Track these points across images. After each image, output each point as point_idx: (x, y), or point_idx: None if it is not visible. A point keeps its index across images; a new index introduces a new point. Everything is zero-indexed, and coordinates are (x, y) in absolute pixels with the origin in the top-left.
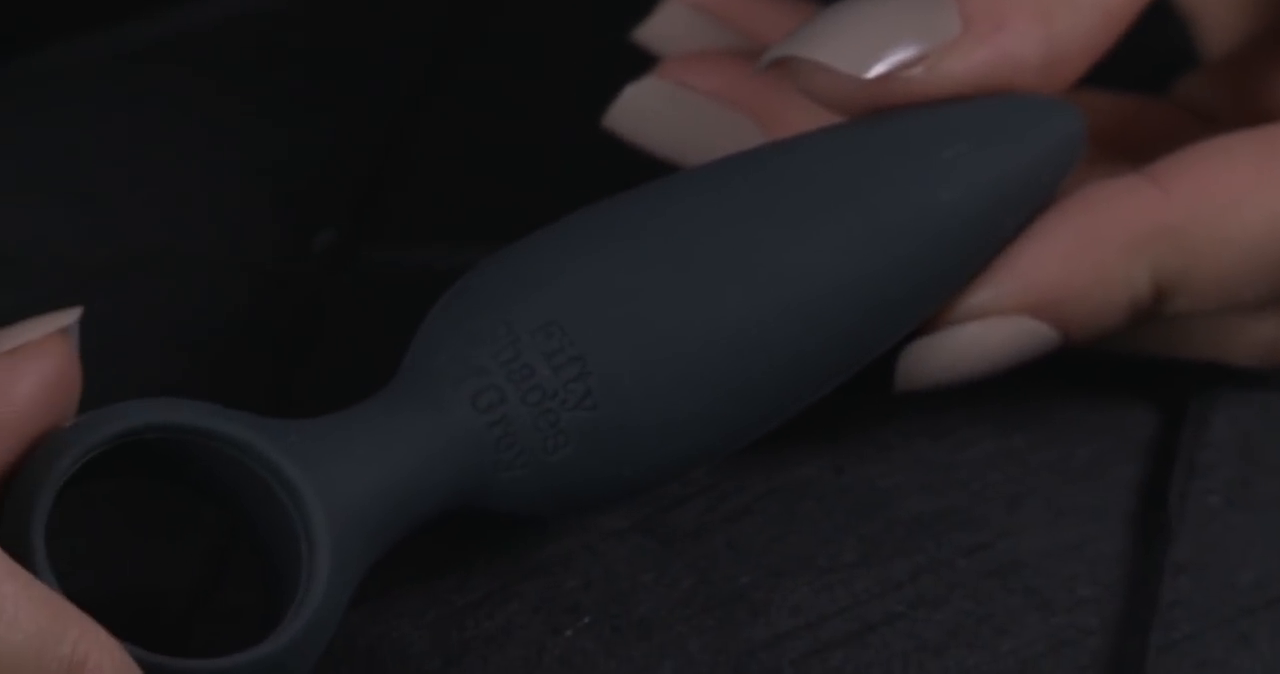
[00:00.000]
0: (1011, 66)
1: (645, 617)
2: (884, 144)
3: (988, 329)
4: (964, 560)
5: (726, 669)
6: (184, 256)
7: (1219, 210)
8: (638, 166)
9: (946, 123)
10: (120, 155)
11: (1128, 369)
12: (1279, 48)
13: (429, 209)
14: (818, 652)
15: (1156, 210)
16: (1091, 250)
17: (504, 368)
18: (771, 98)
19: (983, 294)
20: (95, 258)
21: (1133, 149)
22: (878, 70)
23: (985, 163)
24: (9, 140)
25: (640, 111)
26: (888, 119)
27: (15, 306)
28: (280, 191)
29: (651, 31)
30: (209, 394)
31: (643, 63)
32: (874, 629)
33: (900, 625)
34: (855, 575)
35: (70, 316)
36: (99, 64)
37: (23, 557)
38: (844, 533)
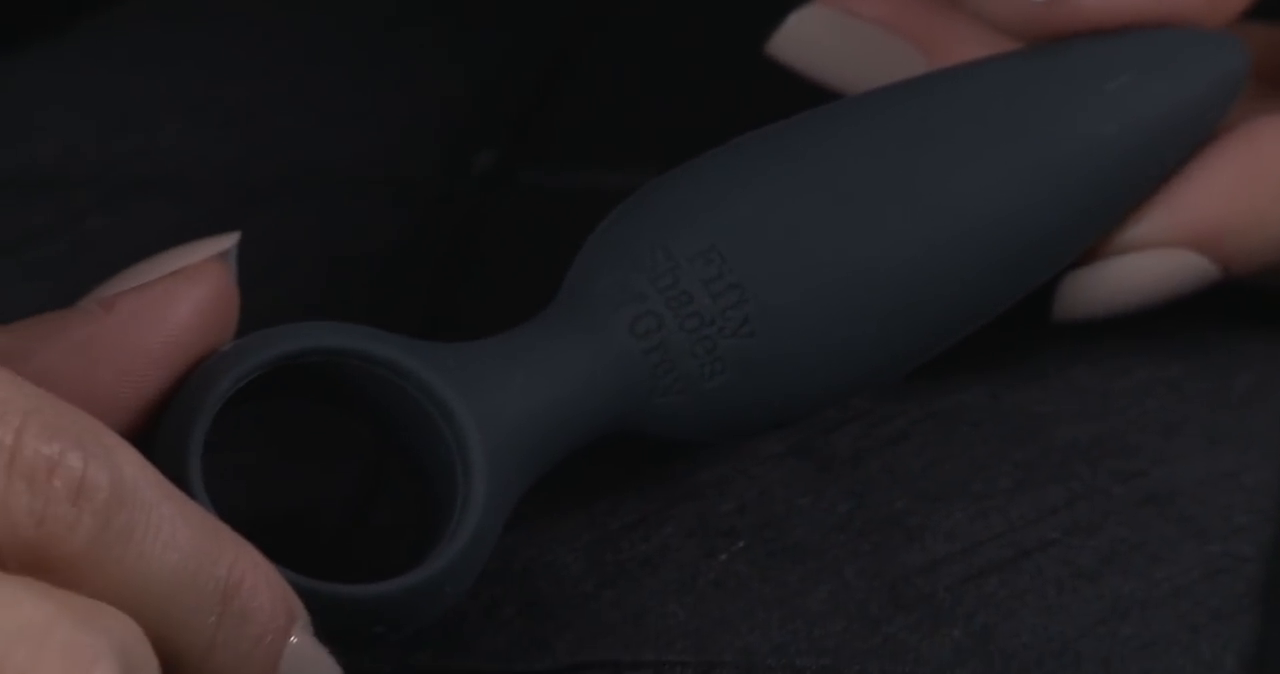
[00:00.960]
0: None
1: (800, 541)
2: (1048, 75)
3: (1147, 261)
4: (1119, 487)
5: (881, 594)
6: (343, 176)
7: None
8: (800, 94)
9: (1111, 55)
10: (280, 74)
11: None
12: None
13: (589, 131)
14: (972, 578)
15: None
16: (1254, 186)
17: (662, 294)
18: (936, 26)
19: (1143, 226)
20: (255, 176)
21: None
22: None
23: (1148, 95)
24: (170, 59)
25: (804, 38)
26: (1052, 50)
27: (177, 224)
28: (440, 111)
29: None
30: (366, 314)
31: None
32: (1028, 555)
33: (1054, 552)
34: (1010, 501)
35: (228, 241)
36: None
37: (178, 479)
38: (1000, 459)
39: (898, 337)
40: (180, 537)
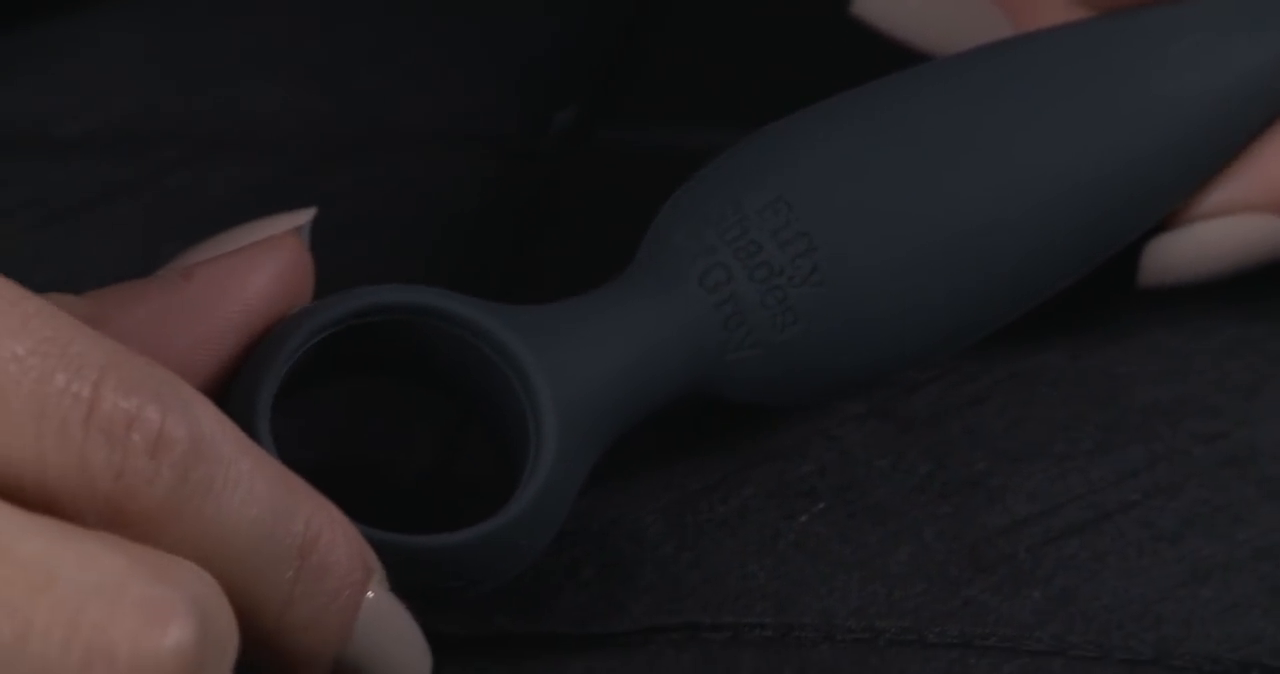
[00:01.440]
0: None
1: (881, 502)
2: (1123, 37)
3: (1233, 226)
4: (1201, 449)
5: (961, 556)
6: (424, 133)
7: None
8: (885, 56)
9: (1190, 18)
10: (362, 30)
11: None
12: None
13: (670, 89)
14: (1053, 539)
15: None
16: None
17: (730, 245)
18: None
19: (1228, 190)
20: (335, 134)
21: None
22: None
23: (1228, 58)
24: (251, 15)
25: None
26: (1130, 14)
27: (256, 182)
28: (522, 69)
29: None
30: (445, 272)
31: None
32: (1109, 517)
33: (1135, 513)
34: (1091, 463)
35: (305, 216)
36: None
37: (249, 436)
38: (1081, 420)
39: (972, 295)
40: (258, 491)
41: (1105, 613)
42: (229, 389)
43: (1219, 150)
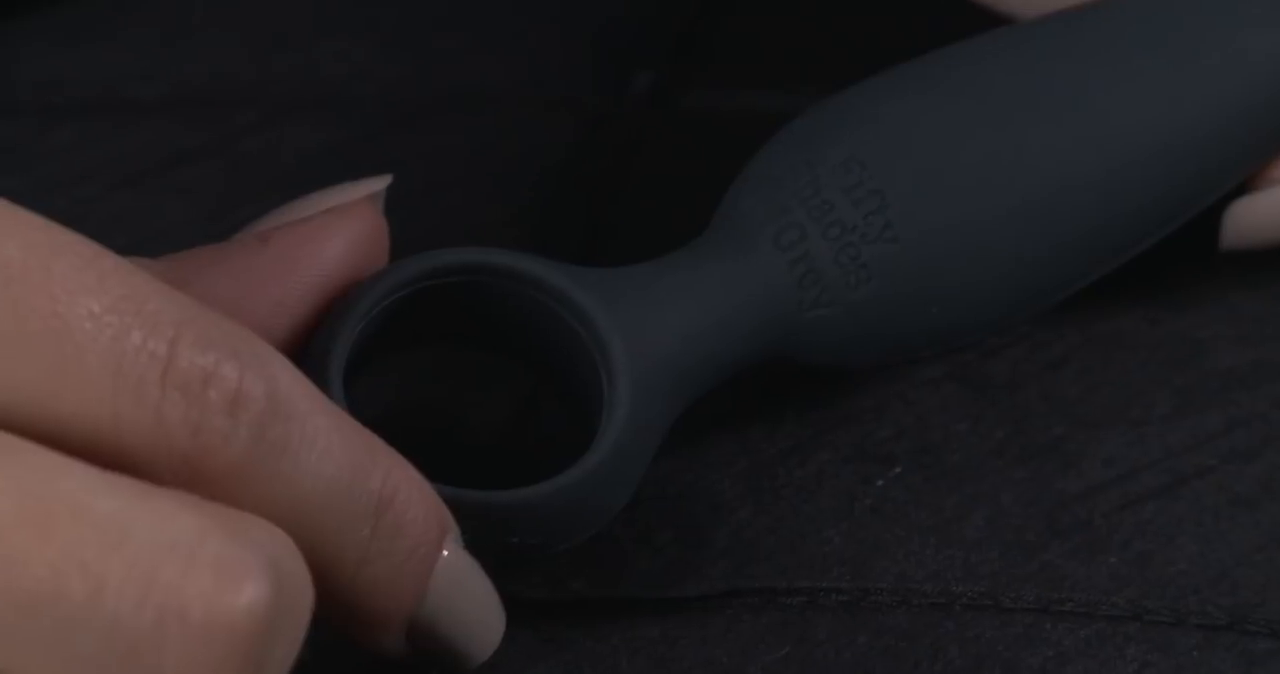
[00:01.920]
0: None
1: (958, 467)
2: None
3: None
4: (1278, 413)
5: (1038, 521)
6: (501, 96)
7: None
8: (962, 19)
9: None
10: None
11: None
12: None
13: (749, 54)
14: (1129, 504)
15: None
16: None
17: (804, 205)
18: None
19: None
20: (412, 97)
21: None
22: None
23: None
24: None
25: None
26: None
27: (332, 145)
28: (600, 31)
29: None
30: (522, 236)
31: None
32: (1186, 482)
33: (1212, 478)
34: (1168, 427)
35: (381, 183)
36: None
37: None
38: (1158, 385)
39: (1047, 256)
40: (335, 448)
41: (1181, 578)
42: (304, 351)
43: None
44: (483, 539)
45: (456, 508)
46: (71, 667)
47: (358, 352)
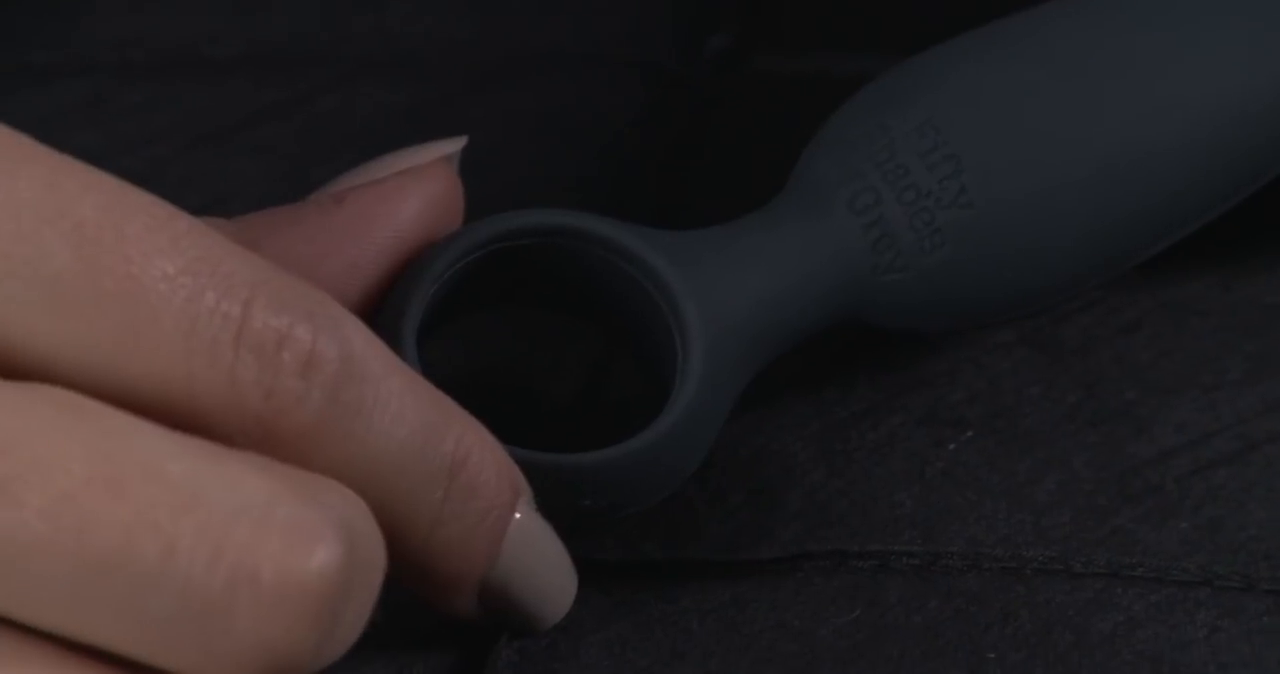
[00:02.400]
0: None
1: (1030, 431)
2: None
3: None
4: None
5: (1110, 485)
6: (575, 58)
7: None
8: None
9: None
10: None
11: None
12: None
13: (824, 16)
14: (1201, 470)
15: None
16: None
17: (879, 169)
18: None
19: None
20: (486, 57)
21: None
22: None
23: None
24: None
25: None
26: None
27: (406, 105)
28: None
29: None
30: (596, 198)
31: None
32: (1257, 447)
33: None
34: (1240, 393)
35: (456, 145)
36: None
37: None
38: (1230, 350)
39: (1121, 222)
40: (408, 411)
41: (1252, 543)
42: (378, 313)
43: None
44: (555, 502)
45: (529, 470)
46: (143, 629)
47: (431, 313)
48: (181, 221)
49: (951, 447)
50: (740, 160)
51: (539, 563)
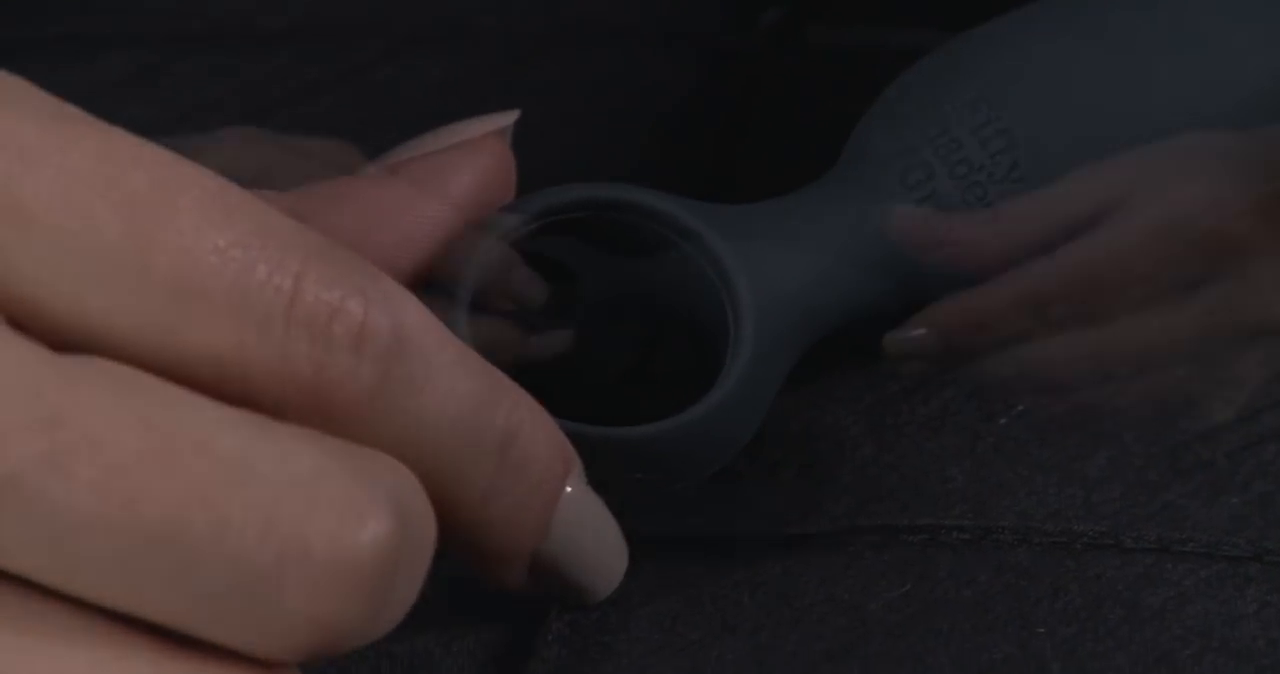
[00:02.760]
0: None
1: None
2: None
3: None
4: None
5: (1161, 460)
6: (627, 30)
7: None
8: None
9: None
10: None
11: None
12: None
13: None
14: (1251, 445)
15: None
16: None
17: (931, 143)
18: None
19: None
20: (538, 29)
21: None
22: None
23: None
24: None
25: None
26: None
27: (458, 76)
28: None
29: None
30: (647, 171)
31: None
32: None
33: None
34: None
35: (509, 118)
36: None
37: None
38: None
39: None
40: (460, 385)
41: None
42: (430, 287)
43: None
44: (606, 475)
45: (580, 444)
46: (193, 603)
47: (482, 287)
48: (233, 194)
49: (1003, 421)
50: (792, 134)
51: (589, 536)
